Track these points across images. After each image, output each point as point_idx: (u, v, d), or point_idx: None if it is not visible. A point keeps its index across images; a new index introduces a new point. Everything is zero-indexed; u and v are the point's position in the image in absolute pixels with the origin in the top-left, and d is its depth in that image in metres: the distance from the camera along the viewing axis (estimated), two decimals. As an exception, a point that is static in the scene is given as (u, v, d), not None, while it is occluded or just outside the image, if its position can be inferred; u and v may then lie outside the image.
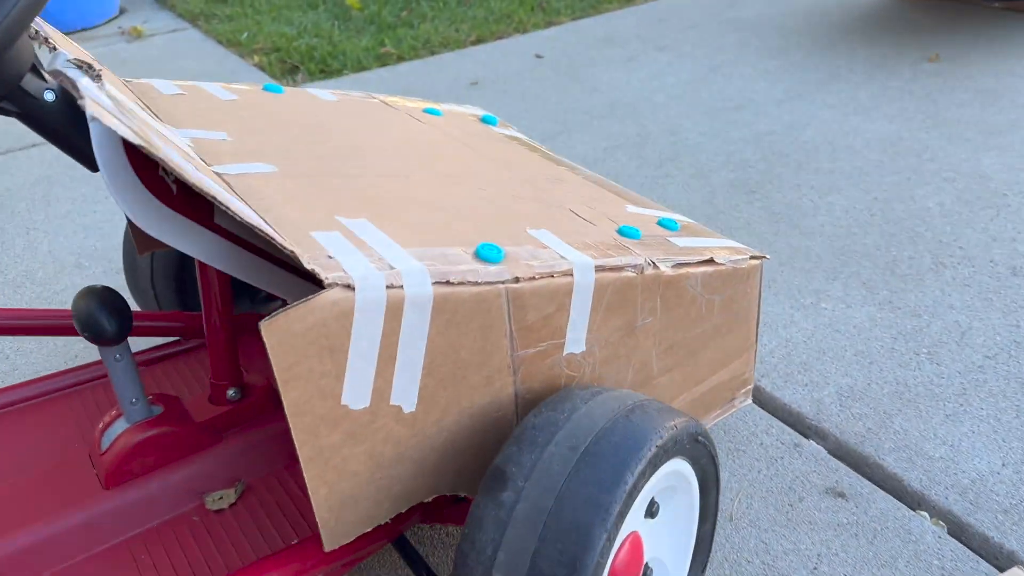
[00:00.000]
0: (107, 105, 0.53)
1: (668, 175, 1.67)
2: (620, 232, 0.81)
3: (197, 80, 2.43)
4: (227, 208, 0.54)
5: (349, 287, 0.58)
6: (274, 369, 0.57)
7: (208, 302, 0.84)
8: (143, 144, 0.50)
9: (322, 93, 1.04)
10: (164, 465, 0.83)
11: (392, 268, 0.61)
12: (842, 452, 1.00)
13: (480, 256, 0.67)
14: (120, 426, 0.82)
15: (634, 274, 0.75)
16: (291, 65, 2.51)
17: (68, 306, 1.35)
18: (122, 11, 3.25)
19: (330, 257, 0.60)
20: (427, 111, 1.10)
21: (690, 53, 2.32)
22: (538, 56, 2.43)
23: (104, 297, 0.75)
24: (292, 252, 0.57)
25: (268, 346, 0.56)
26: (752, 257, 0.87)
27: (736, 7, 2.68)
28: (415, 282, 0.62)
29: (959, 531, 0.89)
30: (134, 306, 1.31)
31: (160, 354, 1.04)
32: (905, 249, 1.35)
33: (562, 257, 0.71)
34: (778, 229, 1.45)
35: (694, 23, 2.57)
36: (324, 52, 2.56)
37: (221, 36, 2.83)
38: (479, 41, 2.62)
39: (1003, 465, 0.95)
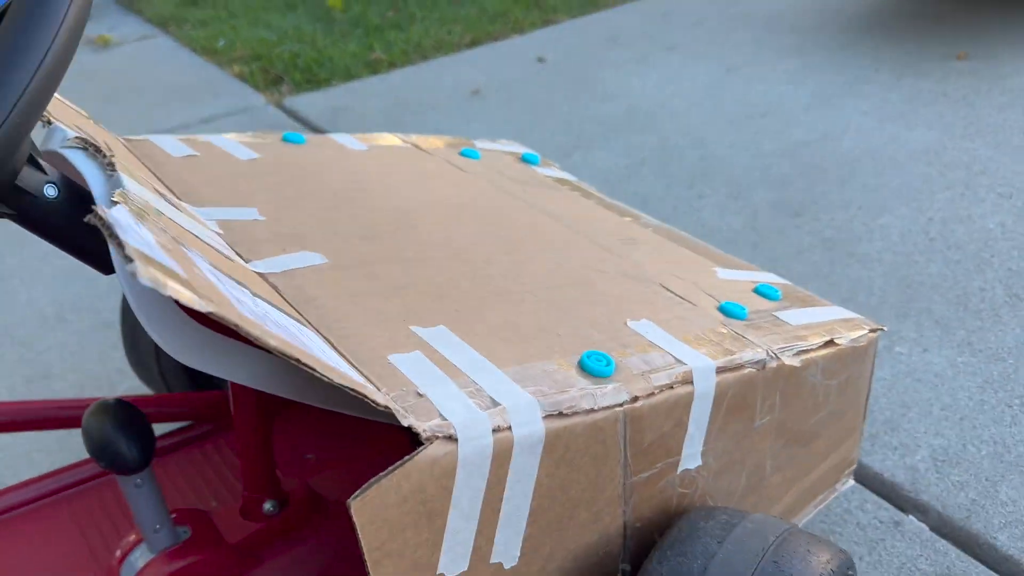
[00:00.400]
0: (152, 249, 0.40)
1: (701, 195, 1.55)
2: (723, 311, 0.69)
3: (176, 93, 2.26)
4: (314, 370, 0.41)
5: (451, 438, 0.46)
6: (363, 548, 0.44)
7: (240, 402, 0.70)
8: (213, 311, 0.37)
9: (347, 140, 0.91)
10: (193, 599, 0.70)
11: (496, 404, 0.49)
12: (947, 530, 0.89)
13: (587, 370, 0.55)
14: (143, 555, 0.69)
15: (755, 371, 0.63)
16: (275, 75, 2.35)
17: (54, 369, 1.21)
18: (89, 16, 3.06)
19: (420, 394, 0.48)
20: (464, 153, 0.97)
21: (703, 53, 2.20)
22: (540, 59, 2.29)
23: (121, 417, 0.62)
24: (386, 408, 0.44)
25: (358, 525, 0.43)
26: (871, 330, 0.76)
27: (742, 2, 2.56)
28: (525, 420, 0.49)
29: (1098, 627, 0.78)
30: (134, 381, 1.17)
31: (171, 442, 0.91)
32: (974, 279, 1.25)
33: (678, 360, 0.59)
34: (833, 258, 1.33)
35: (701, 19, 2.45)
36: (309, 59, 2.40)
37: (195, 43, 2.66)
38: (474, 43, 2.48)
39: None
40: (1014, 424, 1.00)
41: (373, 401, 0.44)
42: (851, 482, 0.86)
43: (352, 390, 0.43)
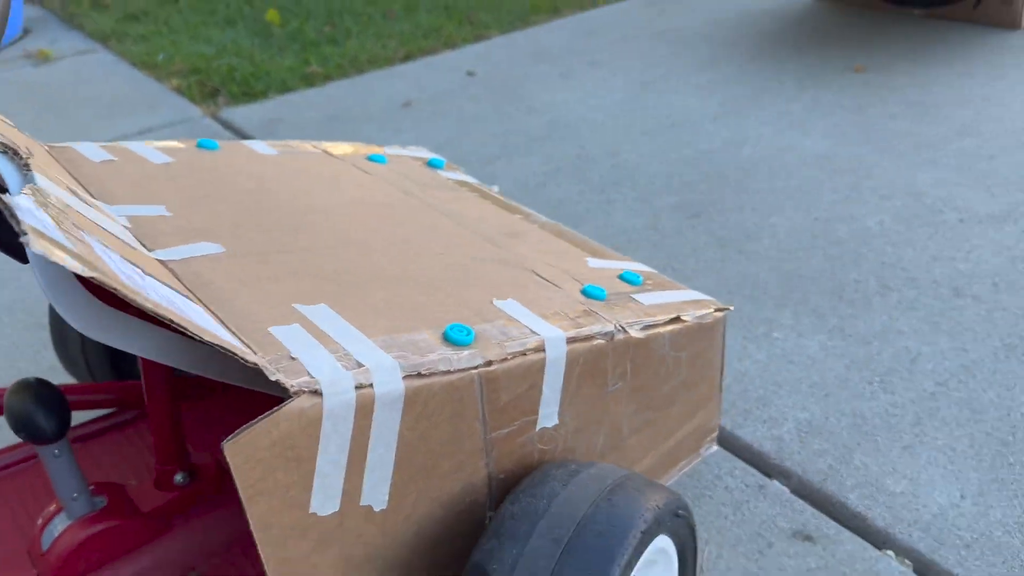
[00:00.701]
0: (48, 229, 0.48)
1: (611, 200, 1.66)
2: (585, 293, 0.79)
3: (115, 107, 2.31)
4: (186, 329, 0.50)
5: (316, 392, 0.54)
6: (238, 486, 0.53)
7: (150, 382, 0.78)
8: (95, 276, 0.45)
9: (260, 146, 0.99)
10: (112, 561, 0.77)
11: (360, 365, 0.58)
12: (806, 492, 1.00)
13: (449, 339, 0.64)
14: (61, 522, 0.76)
15: (604, 342, 0.73)
16: (212, 88, 2.41)
17: (-13, 369, 1.26)
18: (26, 31, 3.08)
19: (292, 358, 0.56)
20: (372, 158, 1.06)
21: (623, 68, 2.32)
22: (470, 73, 2.40)
23: (40, 393, 0.69)
24: (255, 365, 0.53)
25: (232, 465, 0.51)
26: (717, 310, 0.86)
27: (665, 17, 2.69)
28: (385, 379, 0.58)
29: (924, 569, 0.90)
30: (66, 377, 1.23)
31: (96, 428, 0.98)
32: (850, 272, 1.37)
33: (533, 332, 0.68)
34: (725, 255, 1.45)
35: (624, 35, 2.58)
36: (246, 73, 2.47)
37: (135, 58, 2.71)
38: (408, 58, 2.57)
39: (962, 497, 0.96)
40: (872, 399, 1.12)
41: (244, 359, 0.52)
42: (715, 448, 0.96)
43: (223, 348, 0.51)
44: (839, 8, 2.60)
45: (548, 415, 0.71)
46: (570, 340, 0.70)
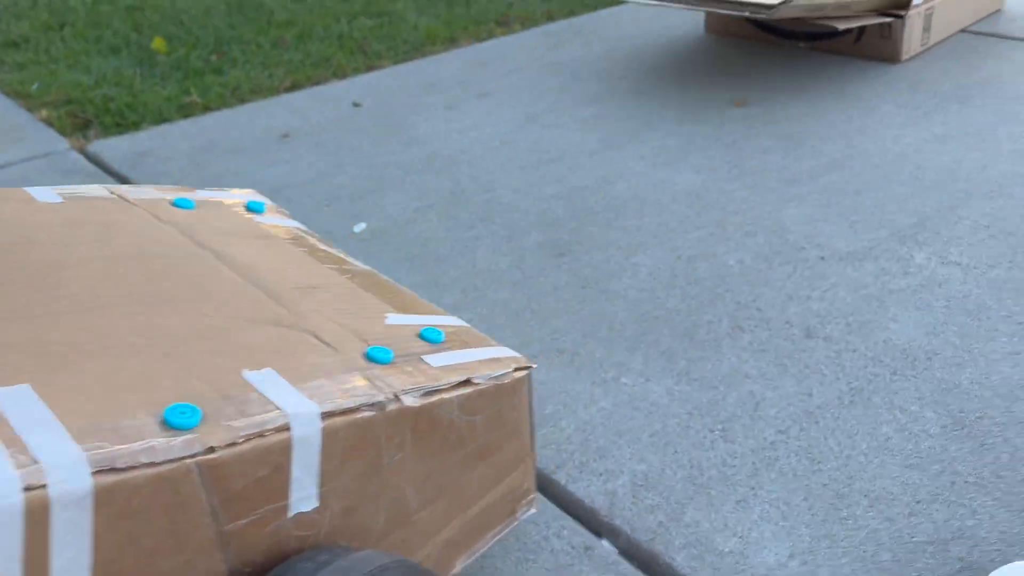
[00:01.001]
0: None
1: (478, 237, 1.62)
2: (368, 356, 0.73)
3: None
4: None
5: (-31, 499, 0.47)
6: None
7: None
8: None
9: (43, 193, 0.91)
10: None
11: (36, 462, 0.51)
12: (634, 552, 0.96)
13: (169, 423, 0.57)
14: None
15: (374, 413, 0.67)
16: (84, 120, 2.30)
17: None
18: None
19: (-47, 457, 0.49)
20: (177, 203, 0.99)
21: (510, 100, 2.29)
22: (356, 104, 2.34)
23: None
24: None
25: None
26: (518, 368, 0.81)
27: (558, 50, 2.68)
28: (65, 477, 0.51)
29: (748, 633, 0.86)
30: None
31: None
32: (705, 313, 1.35)
33: (278, 408, 0.62)
34: (584, 295, 1.41)
35: (517, 67, 2.55)
36: (122, 103, 2.37)
37: (8, 87, 2.58)
38: (294, 87, 2.50)
39: (790, 556, 0.93)
40: (711, 448, 1.09)
41: None
42: (533, 510, 0.91)
43: None
44: (728, 41, 2.63)
45: (304, 499, 0.64)
46: (327, 415, 0.64)
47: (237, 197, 1.09)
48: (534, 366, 0.84)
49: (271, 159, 2.02)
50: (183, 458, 0.56)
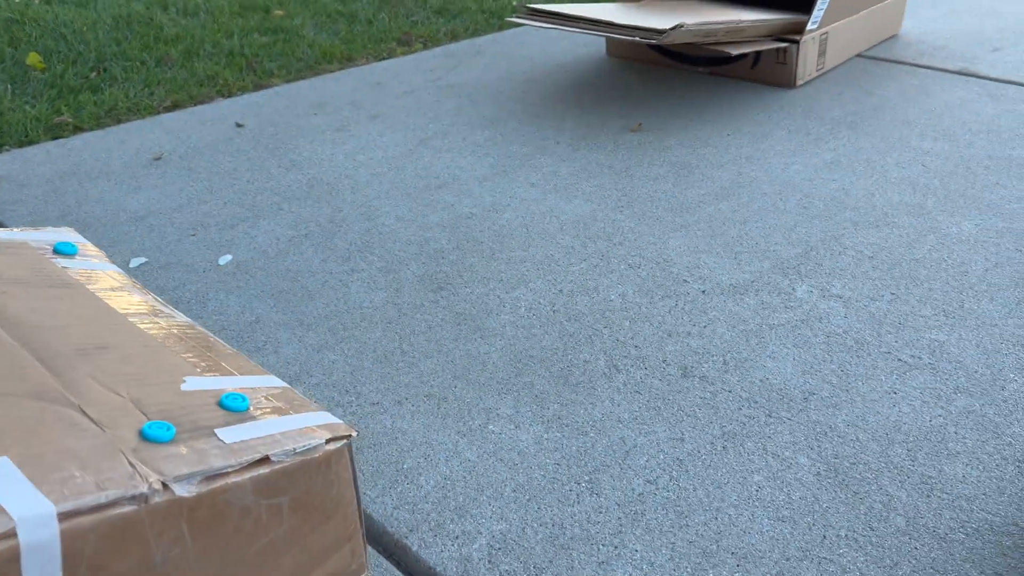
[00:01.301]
0: None
1: (354, 270, 1.52)
2: (143, 435, 0.64)
3: None
4: None
5: None
6: None
7: None
8: None
9: None
10: None
11: None
12: (486, 625, 0.87)
13: None
14: None
15: (135, 507, 0.57)
16: (-63, 139, 2.13)
17: None
18: None
19: None
20: (-34, 247, 0.87)
21: (403, 123, 2.21)
22: (239, 125, 2.22)
23: None
24: None
25: None
26: (332, 439, 0.73)
27: (458, 70, 2.62)
28: None
29: None
30: None
31: None
32: (582, 351, 1.28)
33: (2, 510, 0.52)
34: (459, 333, 1.33)
35: (412, 88, 2.47)
36: (-18, 123, 2.20)
37: None
38: (175, 107, 2.37)
39: (648, 626, 0.86)
40: (577, 503, 1.01)
41: None
42: (367, 588, 0.82)
43: None
44: (628, 65, 2.60)
45: (43, 612, 0.54)
46: (68, 515, 0.54)
47: (49, 236, 0.97)
48: (354, 434, 0.75)
49: (138, 184, 1.88)
50: None
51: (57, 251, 0.94)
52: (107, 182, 1.90)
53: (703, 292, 1.42)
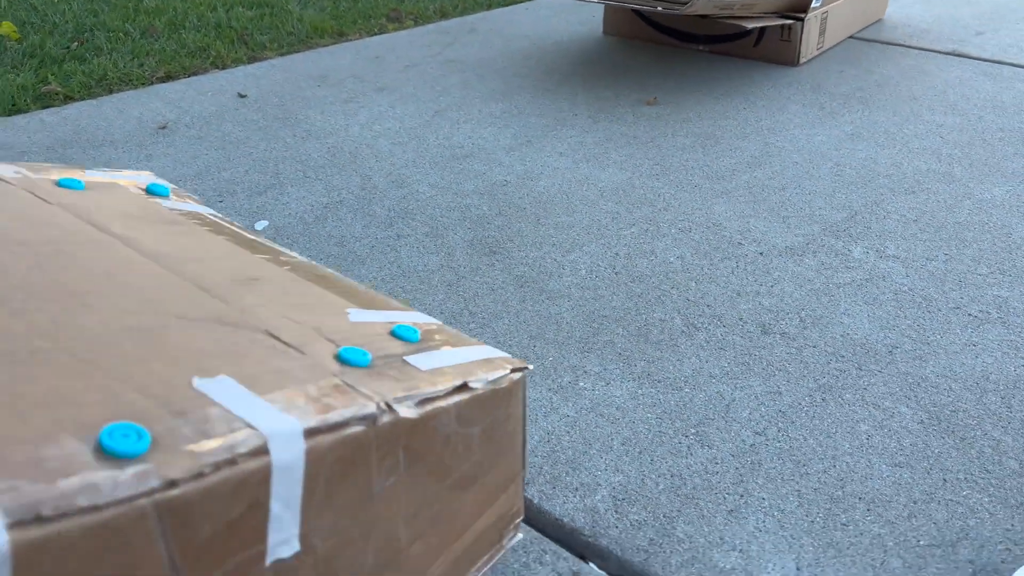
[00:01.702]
0: None
1: (400, 235, 1.47)
2: (341, 359, 0.59)
3: None
4: None
5: None
6: None
7: None
8: None
9: None
10: None
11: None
12: (626, 574, 0.84)
13: (107, 450, 0.41)
14: None
15: (364, 428, 0.53)
16: (-85, 106, 1.98)
17: None
18: None
19: None
20: (63, 183, 0.80)
21: (412, 95, 2.16)
22: (241, 95, 2.13)
23: None
24: None
25: None
26: (514, 370, 0.69)
27: (454, 48, 2.57)
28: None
29: (764, 660, 0.76)
30: None
31: None
32: (655, 311, 1.26)
33: (248, 425, 0.47)
34: (524, 295, 1.30)
35: (412, 62, 2.42)
36: (-37, 90, 2.06)
37: None
38: (169, 77, 2.26)
39: (798, 569, 0.85)
40: (689, 455, 0.99)
41: None
42: (519, 536, 0.79)
43: None
44: (626, 43, 2.59)
45: (283, 541, 0.49)
46: (311, 432, 0.49)
47: (133, 179, 0.91)
48: (530, 368, 0.72)
49: (148, 152, 1.79)
50: (135, 497, 0.40)
51: (149, 191, 0.87)
52: (114, 150, 1.79)
53: (760, 254, 1.42)
